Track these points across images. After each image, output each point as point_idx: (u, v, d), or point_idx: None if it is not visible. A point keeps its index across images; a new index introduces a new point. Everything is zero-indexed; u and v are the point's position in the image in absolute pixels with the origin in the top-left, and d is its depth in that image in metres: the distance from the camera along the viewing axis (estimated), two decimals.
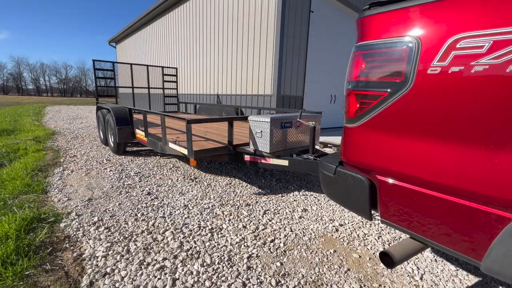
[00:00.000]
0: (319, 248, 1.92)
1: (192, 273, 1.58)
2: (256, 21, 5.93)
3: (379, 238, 2.08)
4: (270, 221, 2.28)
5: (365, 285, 1.56)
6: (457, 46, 0.94)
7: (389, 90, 1.14)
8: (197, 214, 2.36)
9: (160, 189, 2.94)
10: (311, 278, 1.60)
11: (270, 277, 1.59)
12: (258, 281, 1.55)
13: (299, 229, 2.16)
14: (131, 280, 1.50)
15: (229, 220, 2.27)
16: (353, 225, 2.27)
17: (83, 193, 2.73)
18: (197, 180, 3.28)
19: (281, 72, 5.69)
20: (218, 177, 3.42)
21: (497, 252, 0.90)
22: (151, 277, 1.53)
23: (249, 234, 2.05)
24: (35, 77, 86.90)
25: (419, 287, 1.57)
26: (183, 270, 1.61)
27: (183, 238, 1.96)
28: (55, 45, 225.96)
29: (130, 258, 1.70)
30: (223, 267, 1.65)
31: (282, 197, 2.84)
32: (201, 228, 2.11)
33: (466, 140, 0.95)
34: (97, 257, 1.69)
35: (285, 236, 2.05)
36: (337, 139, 5.54)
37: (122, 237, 1.93)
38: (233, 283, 1.51)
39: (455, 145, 0.98)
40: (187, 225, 2.15)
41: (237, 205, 2.58)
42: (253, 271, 1.63)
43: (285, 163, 2.58)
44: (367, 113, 1.23)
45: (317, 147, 2.92)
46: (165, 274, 1.56)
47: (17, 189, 2.67)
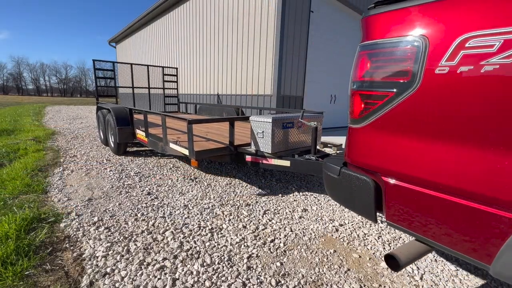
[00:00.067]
0: (319, 248, 1.92)
1: (192, 273, 1.58)
2: (256, 21, 5.93)
3: (379, 238, 2.08)
4: (270, 221, 2.28)
5: (365, 285, 1.56)
6: (466, 45, 0.92)
7: (395, 90, 1.12)
8: (197, 214, 2.36)
9: (160, 189, 2.94)
10: (311, 278, 1.60)
11: (270, 277, 1.59)
12: (258, 281, 1.55)
13: (299, 229, 2.16)
14: (131, 280, 1.50)
15: (229, 220, 2.27)
16: (353, 225, 2.27)
17: (83, 193, 2.73)
18: (197, 180, 3.28)
19: (281, 72, 5.69)
20: (218, 177, 3.42)
21: (508, 256, 0.88)
22: (151, 277, 1.53)
23: (249, 234, 2.05)
24: (35, 77, 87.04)
25: (419, 287, 1.57)
26: (183, 270, 1.61)
27: (183, 238, 1.96)
28: (55, 45, 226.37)
29: (130, 258, 1.70)
30: (223, 267, 1.65)
31: (282, 197, 2.84)
32: (201, 228, 2.11)
33: (475, 142, 0.93)
34: (97, 257, 1.69)
35: (285, 236, 2.05)
36: (337, 139, 5.54)
37: (122, 237, 1.93)
38: (233, 283, 1.51)
39: (465, 147, 0.96)
40: (187, 225, 2.15)
41: (237, 205, 2.58)
42: (253, 271, 1.63)
43: (287, 163, 2.57)
44: (372, 114, 1.21)
45: (317, 147, 2.91)
46: (165, 274, 1.56)
47: (17, 189, 2.67)
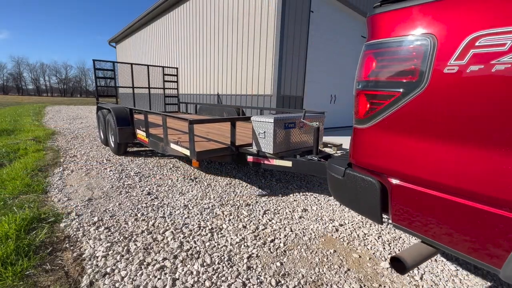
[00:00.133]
0: (319, 248, 1.92)
1: (192, 273, 1.58)
2: (256, 21, 5.93)
3: (379, 238, 2.08)
4: (270, 221, 2.28)
5: (365, 285, 1.56)
6: (477, 44, 0.90)
7: (402, 90, 1.10)
8: (197, 214, 2.36)
9: (160, 189, 2.94)
10: (311, 278, 1.60)
11: (270, 277, 1.59)
12: (258, 281, 1.55)
13: (299, 229, 2.16)
14: (131, 280, 1.50)
15: (229, 220, 2.27)
16: (353, 225, 2.27)
17: (83, 193, 2.73)
18: (197, 180, 3.28)
19: (281, 72, 5.69)
20: (218, 177, 3.42)
21: None
22: (151, 277, 1.53)
23: (249, 234, 2.05)
24: (35, 77, 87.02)
25: (419, 287, 1.57)
26: (183, 270, 1.61)
27: (183, 238, 1.96)
28: (55, 45, 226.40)
29: (130, 258, 1.70)
30: (223, 267, 1.65)
31: (282, 197, 2.84)
32: (201, 228, 2.11)
33: (486, 143, 0.91)
34: (97, 257, 1.69)
35: (285, 236, 2.05)
36: (337, 139, 5.54)
37: (122, 237, 1.93)
38: (233, 283, 1.51)
39: (474, 148, 0.94)
40: (187, 225, 2.15)
41: (237, 205, 2.58)
42: (253, 271, 1.63)
43: (288, 164, 2.55)
44: (378, 114, 1.19)
45: (319, 147, 2.90)
46: (165, 274, 1.56)
47: (17, 189, 2.67)
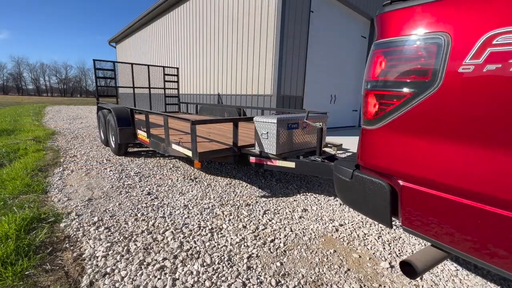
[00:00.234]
0: (319, 248, 1.92)
1: (192, 273, 1.58)
2: (256, 21, 5.93)
3: (379, 238, 2.08)
4: (270, 221, 2.28)
5: (365, 285, 1.56)
6: (494, 42, 0.87)
7: (414, 90, 1.06)
8: (197, 214, 2.36)
9: (160, 189, 2.94)
10: (311, 278, 1.60)
11: (270, 277, 1.59)
12: (258, 281, 1.55)
13: (299, 229, 2.16)
14: (131, 280, 1.50)
15: (229, 220, 2.27)
16: (353, 225, 2.27)
17: (83, 193, 2.73)
18: (197, 180, 3.28)
19: (281, 72, 5.69)
20: (218, 177, 3.42)
21: None
22: (151, 277, 1.53)
23: (249, 234, 2.05)
24: (35, 77, 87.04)
25: (419, 287, 1.57)
26: (183, 270, 1.61)
27: (183, 238, 1.96)
28: (55, 45, 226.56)
29: (130, 258, 1.70)
30: (223, 267, 1.65)
31: (282, 197, 2.84)
32: (201, 228, 2.11)
33: (503, 144, 0.89)
34: (97, 257, 1.69)
35: (285, 236, 2.05)
36: (337, 139, 5.54)
37: (122, 237, 1.93)
38: (233, 283, 1.51)
39: (490, 150, 0.91)
40: (187, 225, 2.15)
41: (237, 205, 2.58)
42: (253, 271, 1.63)
43: (291, 165, 2.53)
44: (388, 115, 1.15)
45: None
46: (165, 274, 1.56)
47: (17, 189, 2.67)
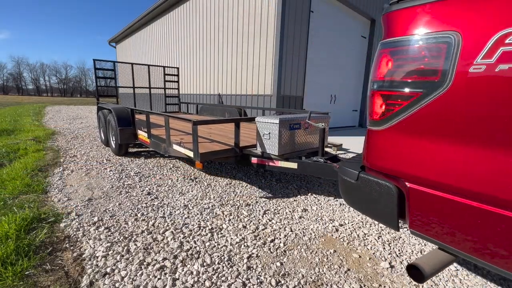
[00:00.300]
0: (319, 248, 1.92)
1: (192, 273, 1.58)
2: (256, 21, 5.94)
3: (379, 238, 2.08)
4: (270, 221, 2.28)
5: (365, 285, 1.56)
6: (507, 41, 0.85)
7: (423, 90, 1.04)
8: (197, 214, 2.36)
9: (160, 189, 2.94)
10: (311, 278, 1.60)
11: (270, 277, 1.59)
12: (258, 281, 1.55)
13: (299, 229, 2.16)
14: (131, 280, 1.50)
15: (229, 220, 2.27)
16: (353, 225, 2.27)
17: (83, 193, 2.73)
18: (197, 180, 3.28)
19: (281, 72, 5.69)
20: (218, 177, 3.42)
21: None
22: (151, 277, 1.53)
23: (249, 234, 2.05)
24: (35, 77, 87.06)
25: (419, 287, 1.57)
26: (183, 270, 1.61)
27: (183, 238, 1.96)
28: (55, 45, 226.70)
29: (130, 258, 1.70)
30: (223, 267, 1.65)
31: (282, 197, 2.84)
32: (201, 228, 2.11)
33: None
34: (97, 257, 1.69)
35: (285, 236, 2.05)
36: (337, 139, 5.54)
37: (122, 237, 1.93)
38: (233, 283, 1.51)
39: (502, 152, 0.89)
40: (187, 225, 2.15)
41: (237, 205, 2.58)
42: (253, 271, 1.63)
43: (294, 166, 2.51)
44: (396, 115, 1.13)
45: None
46: (165, 274, 1.56)
47: (17, 189, 2.67)
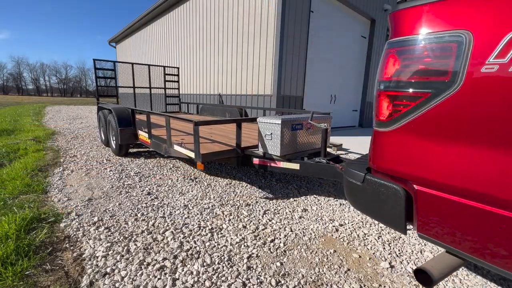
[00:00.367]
0: (319, 248, 1.92)
1: (192, 273, 1.58)
2: (256, 21, 5.94)
3: (379, 238, 2.08)
4: (270, 221, 2.28)
5: (365, 285, 1.56)
6: None
7: (432, 90, 1.02)
8: (197, 214, 2.36)
9: (160, 189, 2.94)
10: (311, 278, 1.60)
11: (270, 277, 1.59)
12: (258, 281, 1.55)
13: (299, 229, 2.16)
14: (131, 280, 1.50)
15: (229, 220, 2.27)
16: (353, 225, 2.27)
17: (83, 193, 2.73)
18: (197, 180, 3.28)
19: (281, 72, 5.69)
20: (218, 177, 3.42)
21: None
22: (151, 277, 1.53)
23: (249, 234, 2.05)
24: (35, 77, 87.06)
25: (419, 287, 1.57)
26: (183, 270, 1.61)
27: (183, 238, 1.96)
28: (55, 45, 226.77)
29: (130, 258, 1.70)
30: (223, 267, 1.65)
31: (282, 197, 2.84)
32: (201, 228, 2.11)
33: None
34: (97, 257, 1.69)
35: (285, 236, 2.05)
36: (337, 139, 5.54)
37: (122, 237, 1.93)
38: (233, 283, 1.51)
39: (510, 154, 0.87)
40: (187, 225, 2.15)
41: (237, 205, 2.58)
42: (253, 271, 1.63)
43: (296, 166, 2.50)
44: (404, 116, 1.11)
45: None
46: (165, 274, 1.56)
47: (17, 189, 2.67)
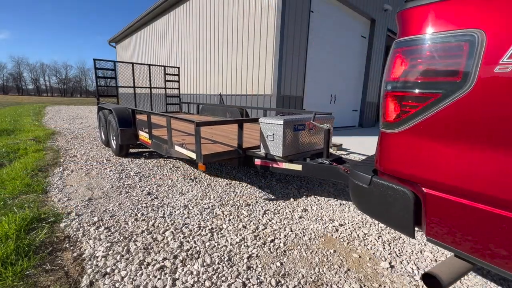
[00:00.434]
0: (319, 248, 1.92)
1: (192, 273, 1.58)
2: (256, 21, 5.94)
3: (379, 238, 2.08)
4: (270, 221, 2.28)
5: (365, 285, 1.56)
6: None
7: (442, 91, 0.99)
8: (197, 214, 2.36)
9: (160, 189, 2.94)
10: (311, 278, 1.60)
11: (270, 277, 1.59)
12: (258, 281, 1.55)
13: (299, 229, 2.16)
14: (131, 280, 1.50)
15: (229, 220, 2.27)
16: (353, 225, 2.27)
17: (83, 193, 2.73)
18: (197, 180, 3.28)
19: (281, 72, 5.69)
20: (218, 177, 3.42)
21: None
22: (151, 277, 1.53)
23: (249, 234, 2.05)
24: (35, 77, 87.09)
25: (419, 287, 1.57)
26: (183, 270, 1.61)
27: (183, 238, 1.96)
28: (55, 45, 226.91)
29: (130, 258, 1.70)
30: (223, 267, 1.65)
31: (282, 197, 2.84)
32: (201, 228, 2.11)
33: None
34: (97, 257, 1.69)
35: (285, 236, 2.05)
36: (337, 139, 5.55)
37: (122, 237, 1.93)
38: (233, 283, 1.51)
39: None
40: (187, 225, 2.15)
41: (237, 205, 2.58)
42: (253, 271, 1.63)
43: (298, 167, 2.48)
44: (412, 118, 1.08)
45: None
46: (165, 274, 1.56)
47: (17, 189, 2.67)
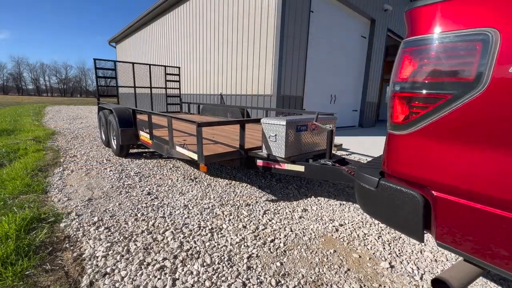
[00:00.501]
0: (319, 248, 1.92)
1: (192, 273, 1.58)
2: (256, 21, 5.94)
3: (379, 238, 2.08)
4: (270, 221, 2.28)
5: (365, 285, 1.56)
6: None
7: (454, 92, 0.96)
8: (197, 214, 2.36)
9: (160, 189, 2.94)
10: (311, 278, 1.60)
11: (270, 277, 1.59)
12: (258, 281, 1.55)
13: (299, 229, 2.16)
14: (131, 280, 1.50)
15: (229, 220, 2.27)
16: (353, 225, 2.27)
17: (83, 193, 2.73)
18: (197, 180, 3.28)
19: (281, 72, 5.70)
20: (218, 177, 3.42)
21: None
22: (151, 277, 1.53)
23: (249, 234, 2.05)
24: (35, 77, 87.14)
25: (419, 287, 1.57)
26: (183, 270, 1.61)
27: (183, 238, 1.96)
28: (55, 45, 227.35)
29: (130, 258, 1.70)
30: (223, 267, 1.65)
31: (282, 197, 2.84)
32: (201, 228, 2.11)
33: None
34: (97, 257, 1.69)
35: (285, 236, 2.05)
36: (337, 139, 5.54)
37: (122, 237, 1.93)
38: (233, 283, 1.51)
39: None
40: (187, 225, 2.15)
41: (237, 205, 2.58)
42: (253, 271, 1.63)
43: (301, 168, 2.47)
44: (422, 119, 1.06)
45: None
46: (165, 274, 1.56)
47: (17, 189, 2.67)
